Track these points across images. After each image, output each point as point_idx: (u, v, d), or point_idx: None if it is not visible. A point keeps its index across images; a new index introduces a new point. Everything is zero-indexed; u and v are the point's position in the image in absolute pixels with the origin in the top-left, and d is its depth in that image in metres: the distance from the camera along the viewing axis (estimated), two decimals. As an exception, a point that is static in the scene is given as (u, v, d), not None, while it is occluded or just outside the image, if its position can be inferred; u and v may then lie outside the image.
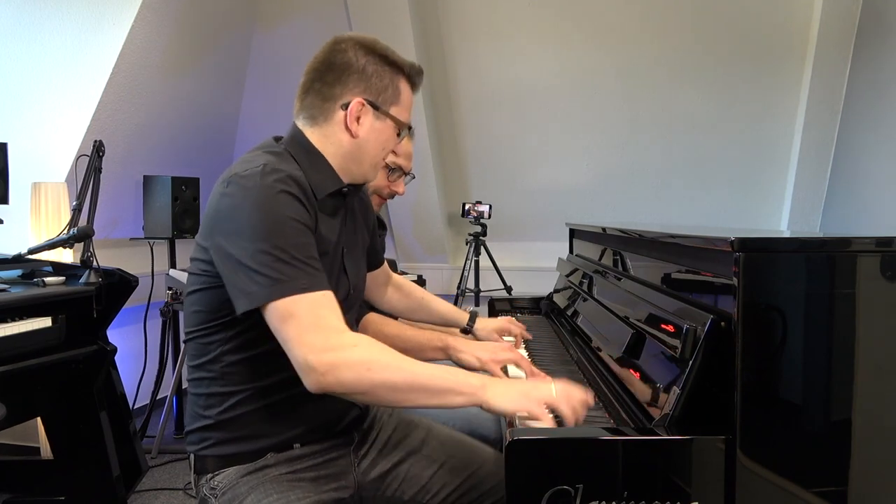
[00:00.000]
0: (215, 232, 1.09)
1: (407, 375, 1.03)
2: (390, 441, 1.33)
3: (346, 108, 1.18)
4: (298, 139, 1.21)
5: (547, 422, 1.01)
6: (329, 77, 1.19)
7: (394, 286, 1.64)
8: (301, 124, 1.22)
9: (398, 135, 1.25)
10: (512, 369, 1.42)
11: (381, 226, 1.68)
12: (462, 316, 1.68)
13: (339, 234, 1.24)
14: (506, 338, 1.68)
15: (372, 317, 1.57)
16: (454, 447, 1.35)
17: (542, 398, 1.05)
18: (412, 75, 1.25)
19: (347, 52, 1.18)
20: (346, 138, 1.20)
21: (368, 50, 1.19)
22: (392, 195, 1.68)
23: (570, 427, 1.01)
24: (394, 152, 1.54)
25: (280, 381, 1.15)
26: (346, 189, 1.24)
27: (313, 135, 1.21)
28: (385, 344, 1.07)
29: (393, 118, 1.22)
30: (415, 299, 1.65)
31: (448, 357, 1.46)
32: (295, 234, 1.06)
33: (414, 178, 1.73)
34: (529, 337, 1.76)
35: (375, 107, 1.20)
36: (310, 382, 1.01)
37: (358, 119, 1.19)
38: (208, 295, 1.14)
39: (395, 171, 1.64)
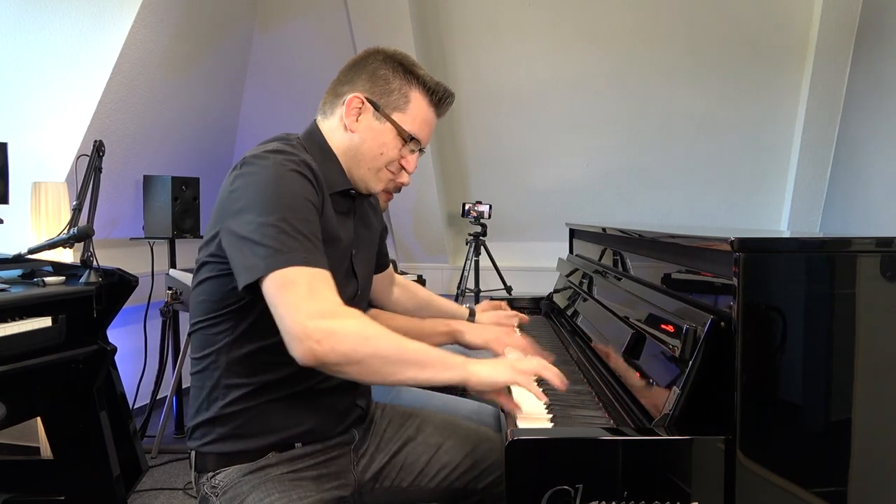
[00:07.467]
0: (224, 214, 1.09)
1: (399, 348, 1.03)
2: (385, 435, 1.34)
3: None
4: (315, 136, 1.24)
5: (535, 392, 1.06)
6: (345, 76, 1.24)
7: (399, 286, 1.67)
8: (318, 119, 1.27)
9: (403, 144, 1.24)
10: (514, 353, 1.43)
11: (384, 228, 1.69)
12: (462, 310, 1.75)
13: (350, 234, 1.25)
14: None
15: (377, 311, 1.59)
16: (451, 428, 1.36)
17: (527, 370, 1.09)
18: (433, 91, 1.25)
19: (370, 57, 1.23)
20: (344, 132, 1.23)
21: (391, 59, 1.23)
22: (398, 187, 1.69)
23: (569, 429, 1.01)
24: None
25: (284, 378, 1.15)
26: (353, 191, 1.26)
27: (323, 126, 1.25)
28: None
29: (393, 122, 1.22)
30: (422, 298, 1.70)
31: (455, 340, 1.51)
32: (302, 209, 1.07)
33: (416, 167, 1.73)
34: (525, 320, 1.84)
35: (376, 107, 1.21)
36: (303, 350, 0.98)
37: (358, 116, 1.21)
38: (215, 283, 1.15)
39: None
